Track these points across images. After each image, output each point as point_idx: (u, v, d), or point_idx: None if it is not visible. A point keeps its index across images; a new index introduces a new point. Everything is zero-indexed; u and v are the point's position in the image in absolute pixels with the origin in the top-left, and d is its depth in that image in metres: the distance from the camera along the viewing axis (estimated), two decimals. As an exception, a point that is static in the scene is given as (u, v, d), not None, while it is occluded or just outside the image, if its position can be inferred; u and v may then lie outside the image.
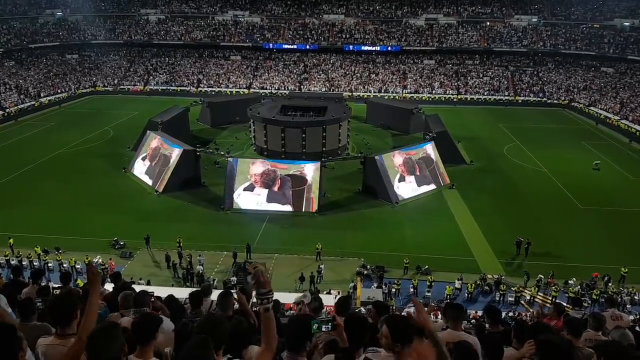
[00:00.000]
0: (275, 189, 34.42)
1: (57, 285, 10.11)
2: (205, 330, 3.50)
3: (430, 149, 39.39)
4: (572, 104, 66.30)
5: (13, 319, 5.82)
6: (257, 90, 69.35)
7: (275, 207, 34.09)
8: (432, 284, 25.60)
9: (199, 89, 72.27)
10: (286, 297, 18.20)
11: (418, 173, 37.68)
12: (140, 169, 40.06)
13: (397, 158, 37.29)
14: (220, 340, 3.78)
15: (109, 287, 10.20)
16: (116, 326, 3.45)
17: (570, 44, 73.09)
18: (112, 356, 3.20)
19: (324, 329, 3.76)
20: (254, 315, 5.92)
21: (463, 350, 4.05)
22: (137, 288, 7.59)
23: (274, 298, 3.75)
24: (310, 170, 34.74)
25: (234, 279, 25.43)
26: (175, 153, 37.55)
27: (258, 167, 35.20)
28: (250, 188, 34.57)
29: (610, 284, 25.56)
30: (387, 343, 3.51)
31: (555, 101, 68.00)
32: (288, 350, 3.85)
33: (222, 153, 40.01)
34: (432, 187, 37.78)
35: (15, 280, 9.17)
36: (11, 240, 28.20)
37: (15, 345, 3.31)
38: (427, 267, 27.12)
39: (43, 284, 9.05)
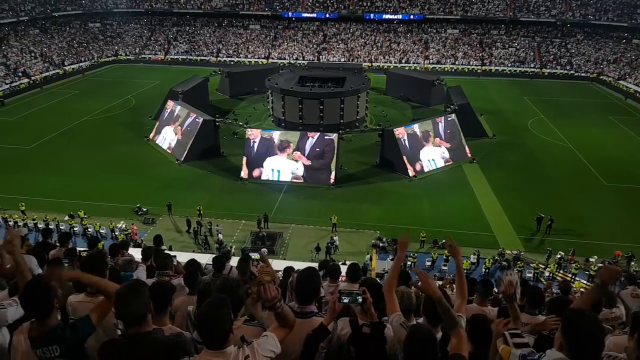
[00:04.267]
0: (294, 159, 34.51)
1: (82, 249, 10.48)
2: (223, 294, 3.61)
3: (451, 121, 38.73)
4: (601, 77, 64.07)
5: None
6: (276, 61, 68.75)
7: (293, 177, 34.25)
8: (449, 258, 25.63)
9: (219, 58, 72.02)
10: (302, 267, 18.60)
11: (438, 146, 37.24)
12: (161, 138, 40.54)
13: (416, 131, 36.85)
14: (237, 304, 3.93)
15: (133, 251, 10.51)
16: (143, 284, 3.59)
17: (600, 14, 70.04)
18: (138, 312, 3.34)
19: (344, 300, 3.69)
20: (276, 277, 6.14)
21: (477, 323, 4.14)
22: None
23: (289, 268, 3.78)
24: (329, 141, 34.64)
25: (265, 250, 25.53)
26: (196, 123, 37.80)
27: (277, 137, 35.29)
28: (268, 158, 34.72)
29: (632, 262, 25.22)
30: None
31: (583, 74, 65.78)
32: (298, 303, 3.99)
33: (241, 124, 40.11)
34: (452, 160, 37.37)
35: (45, 242, 9.52)
36: (23, 206, 29.03)
37: (51, 292, 3.60)
38: (444, 241, 27.10)
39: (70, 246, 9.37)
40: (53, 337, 3.46)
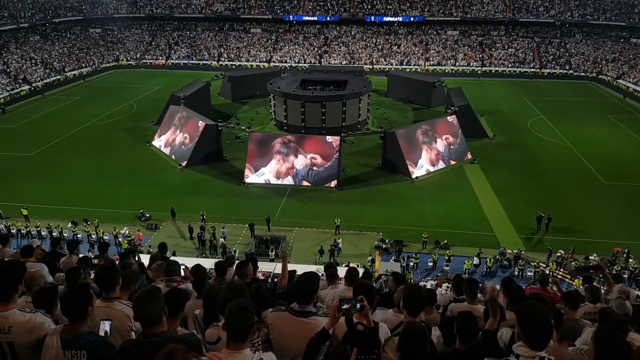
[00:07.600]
0: (298, 163, 34.80)
1: (92, 256, 10.78)
2: (228, 298, 3.91)
3: (452, 122, 39.01)
4: (600, 76, 64.32)
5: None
6: (277, 64, 69.11)
7: (295, 181, 34.52)
8: (451, 258, 25.87)
9: (220, 62, 72.45)
10: (306, 270, 18.85)
11: (439, 147, 37.50)
12: (163, 143, 40.87)
13: (418, 132, 37.14)
14: None
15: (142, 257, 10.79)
16: (158, 289, 3.91)
17: (599, 14, 70.34)
18: (154, 314, 3.70)
19: (344, 307, 3.97)
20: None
21: (464, 319, 4.48)
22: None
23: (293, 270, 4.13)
24: (332, 144, 34.93)
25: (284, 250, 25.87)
26: (198, 128, 38.13)
27: (279, 142, 35.57)
28: (271, 162, 35.02)
29: (631, 260, 25.42)
30: None
31: (582, 74, 66.07)
32: (298, 303, 4.42)
33: (243, 128, 40.41)
34: (454, 161, 37.63)
35: (54, 250, 9.80)
36: (25, 211, 29.35)
37: (90, 300, 3.93)
38: (445, 241, 27.35)
39: (81, 255, 9.67)
40: (83, 342, 3.73)
